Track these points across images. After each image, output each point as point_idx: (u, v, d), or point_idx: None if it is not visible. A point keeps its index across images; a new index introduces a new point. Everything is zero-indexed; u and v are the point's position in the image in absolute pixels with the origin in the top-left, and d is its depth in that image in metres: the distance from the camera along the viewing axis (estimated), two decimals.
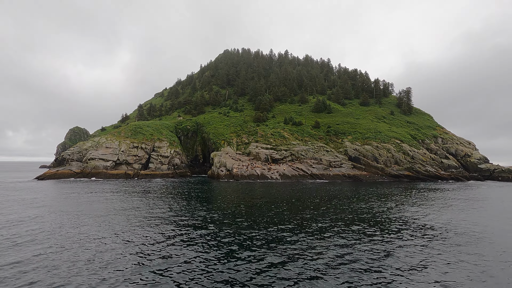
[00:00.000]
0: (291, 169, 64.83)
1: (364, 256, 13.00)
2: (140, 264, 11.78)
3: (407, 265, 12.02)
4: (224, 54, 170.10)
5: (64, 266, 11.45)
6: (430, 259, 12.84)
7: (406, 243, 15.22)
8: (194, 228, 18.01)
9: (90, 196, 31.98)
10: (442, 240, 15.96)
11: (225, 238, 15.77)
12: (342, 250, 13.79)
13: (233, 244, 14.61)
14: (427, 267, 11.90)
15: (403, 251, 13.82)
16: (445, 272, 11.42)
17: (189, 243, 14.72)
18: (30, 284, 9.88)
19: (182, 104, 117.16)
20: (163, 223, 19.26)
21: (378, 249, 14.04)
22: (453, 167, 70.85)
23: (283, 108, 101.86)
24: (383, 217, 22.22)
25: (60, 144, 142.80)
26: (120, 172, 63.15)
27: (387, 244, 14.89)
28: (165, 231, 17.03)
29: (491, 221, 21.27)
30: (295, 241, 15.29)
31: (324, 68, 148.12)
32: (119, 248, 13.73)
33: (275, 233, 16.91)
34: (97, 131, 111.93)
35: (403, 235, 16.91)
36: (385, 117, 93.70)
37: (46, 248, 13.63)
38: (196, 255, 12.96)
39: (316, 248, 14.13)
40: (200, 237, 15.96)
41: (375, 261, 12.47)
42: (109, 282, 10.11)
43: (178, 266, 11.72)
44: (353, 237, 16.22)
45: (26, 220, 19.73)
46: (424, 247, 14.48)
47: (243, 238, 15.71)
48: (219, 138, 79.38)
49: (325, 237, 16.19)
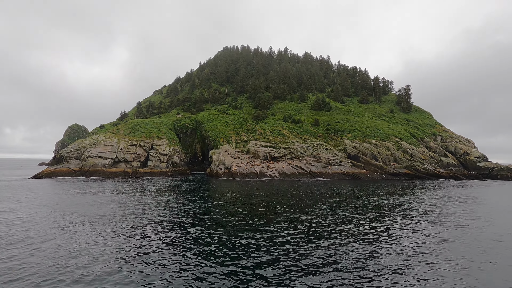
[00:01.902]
0: (290, 167, 64.75)
1: (361, 255, 12.93)
2: (135, 264, 11.68)
3: (406, 264, 11.96)
4: (224, 51, 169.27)
5: (55, 265, 11.33)
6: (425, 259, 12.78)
7: (403, 241, 15.16)
8: (191, 227, 17.91)
9: (87, 196, 31.83)
10: (440, 239, 15.91)
11: (222, 238, 15.67)
12: (341, 250, 13.71)
13: (231, 244, 14.52)
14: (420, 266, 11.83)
15: (401, 250, 13.76)
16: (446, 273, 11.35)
17: (184, 243, 14.62)
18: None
19: (181, 101, 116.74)
20: (159, 222, 19.14)
21: (374, 249, 13.96)
22: (452, 165, 70.86)
23: (282, 106, 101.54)
24: (382, 217, 22.16)
25: (59, 141, 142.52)
26: (119, 170, 62.98)
27: (384, 243, 14.82)
28: (161, 232, 16.91)
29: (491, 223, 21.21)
30: (293, 241, 15.21)
31: (323, 65, 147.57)
32: (114, 247, 13.62)
33: (272, 232, 16.82)
34: (96, 129, 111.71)
35: (400, 233, 16.85)
36: (384, 115, 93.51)
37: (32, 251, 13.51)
38: (190, 254, 12.86)
39: (315, 247, 14.05)
40: (197, 237, 15.86)
41: (373, 259, 12.40)
42: (104, 282, 10.00)
43: (172, 266, 11.62)
44: (352, 237, 16.14)
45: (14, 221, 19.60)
46: (417, 248, 14.43)
47: (241, 238, 15.61)
48: (218, 136, 79.17)
49: (324, 237, 16.10)
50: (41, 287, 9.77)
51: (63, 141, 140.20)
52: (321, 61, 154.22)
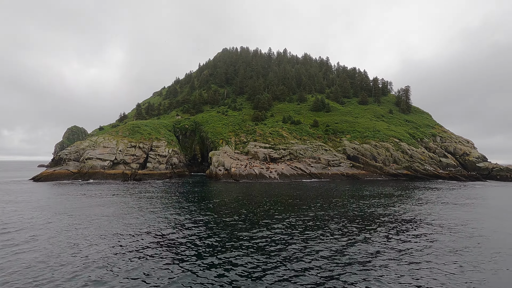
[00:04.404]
0: (289, 168, 64.63)
1: (360, 255, 12.82)
2: (134, 266, 11.56)
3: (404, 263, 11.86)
4: (223, 53, 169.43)
5: (53, 270, 11.22)
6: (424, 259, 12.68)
7: (401, 240, 15.05)
8: (190, 227, 17.79)
9: (88, 201, 31.66)
10: (438, 241, 15.81)
11: (221, 238, 15.55)
12: (340, 249, 13.61)
13: (230, 244, 14.40)
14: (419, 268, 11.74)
15: (399, 249, 13.65)
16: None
17: (183, 245, 14.50)
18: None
19: (180, 103, 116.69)
20: (158, 223, 19.02)
21: (373, 249, 13.86)
22: (451, 166, 70.81)
23: (281, 107, 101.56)
24: (381, 215, 22.05)
25: (58, 143, 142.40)
26: (118, 172, 62.81)
27: (384, 243, 14.71)
28: (162, 232, 16.80)
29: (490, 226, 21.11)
30: (293, 240, 15.10)
31: (323, 66, 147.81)
32: (115, 251, 13.51)
33: (271, 233, 16.70)
34: (95, 130, 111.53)
35: (398, 232, 16.75)
36: (383, 116, 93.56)
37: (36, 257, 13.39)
38: (188, 257, 12.75)
39: (314, 248, 13.94)
40: (197, 237, 15.75)
41: (372, 258, 12.29)
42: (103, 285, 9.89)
43: (171, 266, 11.50)
44: (351, 235, 16.03)
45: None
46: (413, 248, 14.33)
47: (239, 239, 15.50)
48: (217, 137, 79.08)
49: (323, 236, 15.99)
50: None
51: (62, 143, 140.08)
52: (320, 62, 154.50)
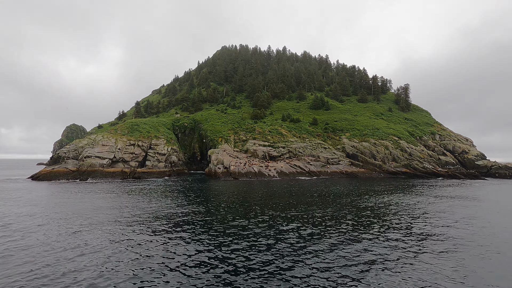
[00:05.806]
0: (288, 166, 64.63)
1: (359, 255, 12.81)
2: (134, 264, 11.52)
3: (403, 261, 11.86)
4: (222, 51, 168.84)
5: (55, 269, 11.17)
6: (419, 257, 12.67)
7: (400, 239, 15.05)
8: (189, 226, 17.76)
9: (86, 200, 31.62)
10: (436, 240, 15.81)
11: (219, 236, 15.53)
12: (339, 249, 13.60)
13: (229, 244, 14.38)
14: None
15: (398, 248, 13.65)
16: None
17: (181, 243, 14.47)
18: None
19: (179, 101, 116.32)
20: (158, 222, 18.99)
21: (372, 248, 13.85)
22: (450, 164, 70.91)
23: (281, 105, 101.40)
24: (377, 212, 22.06)
25: (57, 141, 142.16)
26: (117, 170, 62.68)
27: (385, 242, 14.71)
28: (158, 232, 16.77)
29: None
30: (290, 238, 15.08)
31: (322, 64, 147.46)
32: (117, 250, 13.46)
33: (270, 231, 16.69)
34: (94, 129, 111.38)
35: (396, 232, 16.75)
36: (383, 114, 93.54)
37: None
38: (188, 255, 12.72)
39: (314, 248, 13.92)
40: (196, 237, 15.72)
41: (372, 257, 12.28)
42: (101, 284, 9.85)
43: (171, 266, 11.47)
44: (348, 232, 16.03)
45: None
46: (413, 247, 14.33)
47: (238, 237, 15.47)
48: (216, 135, 78.97)
49: (322, 236, 15.98)
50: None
51: (61, 141, 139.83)
52: (319, 60, 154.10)
